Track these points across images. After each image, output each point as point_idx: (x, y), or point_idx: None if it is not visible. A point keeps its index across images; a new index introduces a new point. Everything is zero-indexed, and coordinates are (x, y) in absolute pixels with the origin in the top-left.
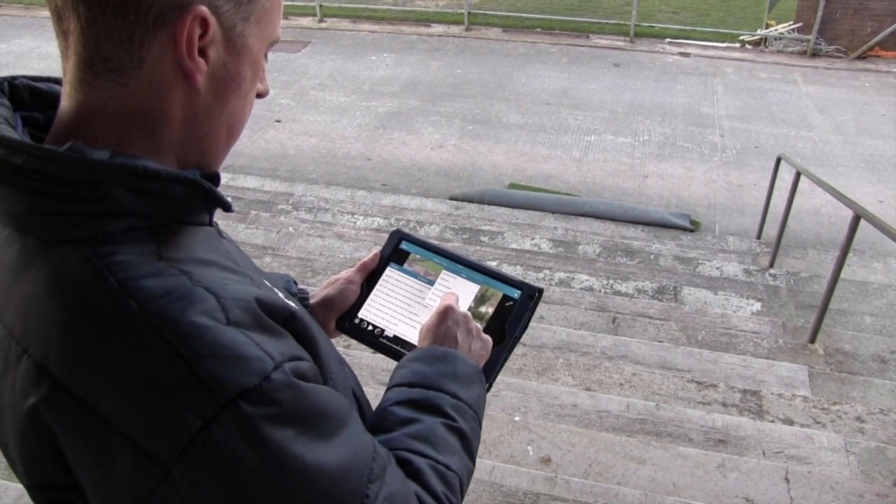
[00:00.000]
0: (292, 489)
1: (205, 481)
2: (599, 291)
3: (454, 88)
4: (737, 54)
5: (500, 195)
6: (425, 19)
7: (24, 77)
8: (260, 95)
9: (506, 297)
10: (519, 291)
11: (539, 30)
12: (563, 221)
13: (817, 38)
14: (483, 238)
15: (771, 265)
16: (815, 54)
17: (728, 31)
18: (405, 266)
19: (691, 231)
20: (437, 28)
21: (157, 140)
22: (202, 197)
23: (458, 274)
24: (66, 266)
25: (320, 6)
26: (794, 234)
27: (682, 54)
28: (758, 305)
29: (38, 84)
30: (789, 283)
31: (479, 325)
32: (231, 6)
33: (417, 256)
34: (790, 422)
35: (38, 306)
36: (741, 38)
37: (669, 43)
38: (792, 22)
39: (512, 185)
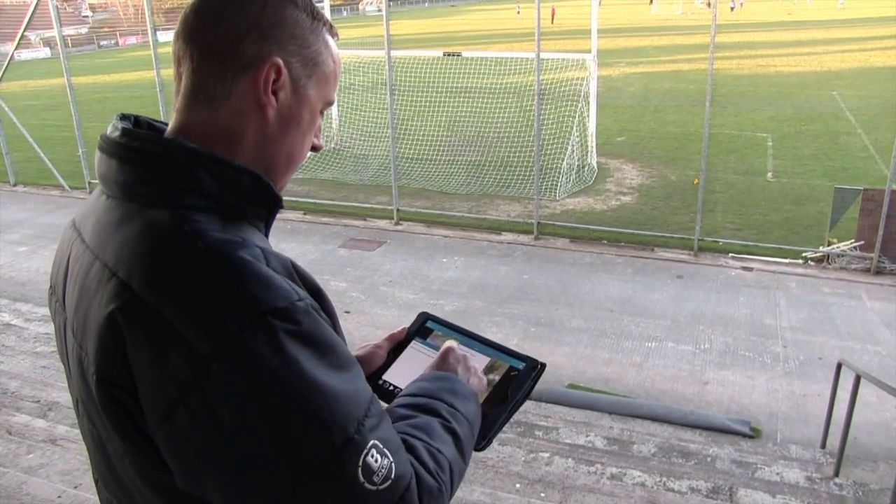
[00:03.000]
0: (302, 396)
1: (234, 376)
2: (651, 487)
3: (520, 292)
4: (799, 270)
5: (559, 394)
6: (497, 227)
7: (147, 117)
8: (315, 149)
9: (511, 368)
10: (523, 364)
11: (606, 242)
12: (620, 422)
13: (880, 256)
14: (537, 432)
15: (836, 474)
16: (879, 272)
17: (791, 247)
18: (428, 340)
19: (751, 438)
20: (508, 236)
21: (233, 153)
22: (262, 189)
23: (472, 347)
24: (155, 219)
25: (397, 210)
26: (863, 447)
27: (744, 268)
28: None
29: (154, 122)
30: (857, 493)
31: (476, 366)
32: (300, 64)
33: (439, 333)
34: None
35: (129, 244)
36: (804, 254)
37: (733, 258)
38: (853, 240)
39: (571, 386)
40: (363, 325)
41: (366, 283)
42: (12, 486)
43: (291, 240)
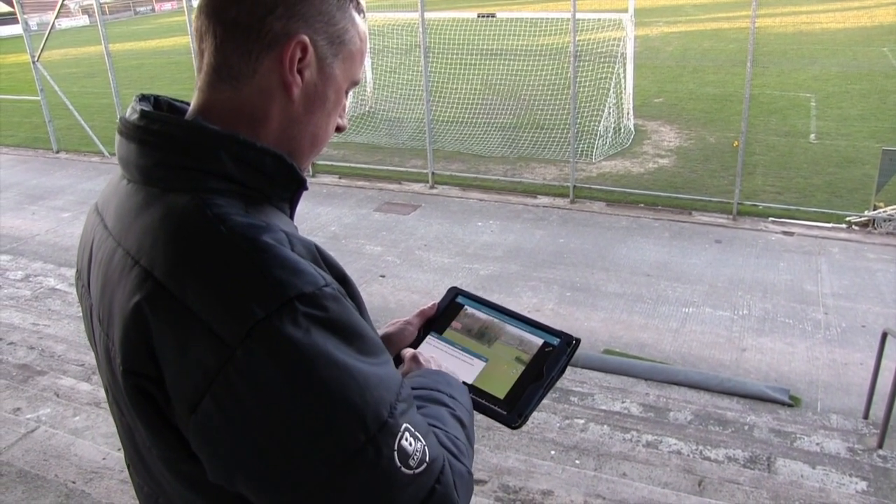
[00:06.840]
0: (332, 381)
1: (261, 363)
2: (688, 455)
3: (555, 256)
4: (843, 234)
5: (594, 360)
6: (532, 191)
7: (167, 97)
8: (339, 129)
9: (546, 344)
10: (558, 339)
11: (642, 205)
12: (656, 388)
13: None
14: (572, 398)
15: (880, 446)
16: None
17: (834, 211)
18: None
19: (790, 406)
20: (543, 199)
21: (257, 134)
22: (285, 171)
23: (505, 322)
24: (176, 204)
25: (432, 174)
26: None
27: (785, 233)
28: (863, 485)
29: (175, 101)
30: None
31: (445, 365)
32: (326, 43)
33: (469, 309)
34: None
35: (151, 231)
36: (848, 219)
37: (773, 222)
38: None
39: (606, 352)
40: (398, 289)
41: (401, 246)
42: (61, 446)
43: (327, 204)
